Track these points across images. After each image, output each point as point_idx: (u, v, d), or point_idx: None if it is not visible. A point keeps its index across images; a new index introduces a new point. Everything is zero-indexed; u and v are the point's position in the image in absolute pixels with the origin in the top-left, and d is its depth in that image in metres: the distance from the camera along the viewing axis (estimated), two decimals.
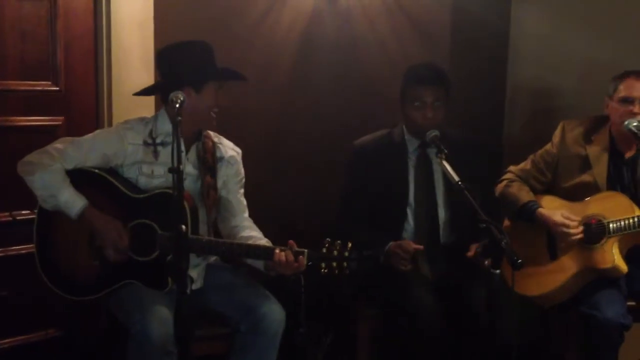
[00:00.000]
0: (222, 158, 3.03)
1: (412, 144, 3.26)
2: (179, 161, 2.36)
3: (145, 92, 3.07)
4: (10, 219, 3.28)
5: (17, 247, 3.29)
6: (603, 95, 3.20)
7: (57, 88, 3.35)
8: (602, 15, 3.79)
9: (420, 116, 3.12)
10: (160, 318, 2.63)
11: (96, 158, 2.86)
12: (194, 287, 2.91)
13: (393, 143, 3.28)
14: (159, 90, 3.01)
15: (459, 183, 2.73)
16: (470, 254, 3.02)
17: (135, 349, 2.65)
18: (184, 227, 2.31)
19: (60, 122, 3.37)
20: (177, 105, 2.51)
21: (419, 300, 2.94)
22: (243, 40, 3.71)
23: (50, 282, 2.90)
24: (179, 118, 2.46)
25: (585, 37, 3.80)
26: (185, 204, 2.72)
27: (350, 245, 2.71)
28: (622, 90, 3.09)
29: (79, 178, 2.84)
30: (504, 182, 3.34)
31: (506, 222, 3.35)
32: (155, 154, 2.89)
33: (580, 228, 3.09)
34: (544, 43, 4.01)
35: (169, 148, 2.85)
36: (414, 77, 3.16)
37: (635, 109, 3.05)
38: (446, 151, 2.88)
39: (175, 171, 2.35)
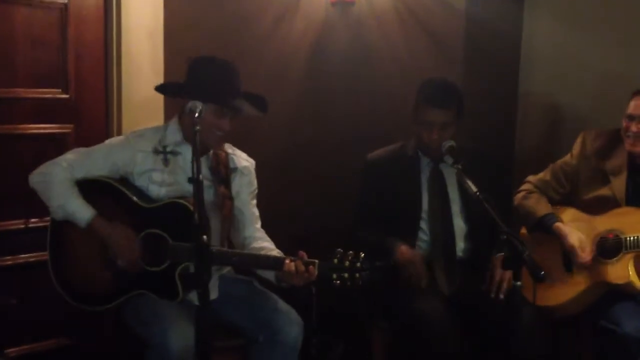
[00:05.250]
0: (235, 168, 3.02)
1: (425, 157, 3.25)
2: (199, 171, 2.34)
3: (163, 89, 3.04)
4: (22, 226, 3.26)
5: (27, 255, 3.27)
6: (617, 107, 3.19)
7: (67, 96, 3.33)
8: (617, 26, 3.78)
9: (426, 136, 3.14)
10: (180, 330, 2.62)
11: (106, 167, 2.86)
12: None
13: (406, 156, 3.28)
14: (174, 91, 3.01)
15: (477, 193, 2.72)
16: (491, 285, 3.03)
17: None
18: (205, 237, 2.29)
19: (69, 130, 3.36)
20: (196, 115, 2.51)
21: (433, 313, 2.92)
22: (254, 50, 3.70)
23: (63, 293, 2.89)
24: (197, 127, 2.46)
25: (599, 48, 3.80)
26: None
27: (362, 255, 2.67)
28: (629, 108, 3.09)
29: (90, 187, 2.84)
30: (523, 193, 3.34)
31: (522, 232, 3.34)
32: (166, 161, 2.89)
33: (590, 256, 3.08)
34: (556, 54, 4.01)
35: (179, 157, 2.90)
36: (425, 96, 3.15)
37: (632, 127, 3.06)
38: (463, 161, 2.88)
39: (195, 181, 2.34)
